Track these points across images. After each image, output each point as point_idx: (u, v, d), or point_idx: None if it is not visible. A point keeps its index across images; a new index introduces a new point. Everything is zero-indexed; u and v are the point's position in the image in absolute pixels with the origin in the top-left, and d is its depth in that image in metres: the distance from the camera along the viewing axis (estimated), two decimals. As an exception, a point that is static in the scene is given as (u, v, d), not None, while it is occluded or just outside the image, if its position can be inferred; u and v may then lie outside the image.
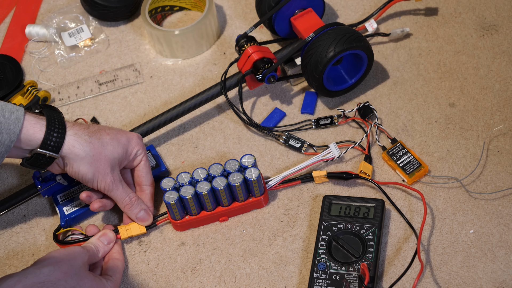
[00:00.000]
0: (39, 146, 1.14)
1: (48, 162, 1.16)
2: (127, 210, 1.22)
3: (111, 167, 1.19)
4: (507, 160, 1.24)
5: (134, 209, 1.22)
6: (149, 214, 1.23)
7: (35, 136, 1.13)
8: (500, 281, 1.14)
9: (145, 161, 1.24)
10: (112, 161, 1.19)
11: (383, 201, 1.20)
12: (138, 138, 1.23)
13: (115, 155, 1.19)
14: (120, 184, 1.20)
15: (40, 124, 1.14)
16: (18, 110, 1.13)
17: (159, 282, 1.20)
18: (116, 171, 1.20)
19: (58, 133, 1.14)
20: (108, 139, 1.19)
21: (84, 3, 1.48)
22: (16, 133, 1.11)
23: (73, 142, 1.16)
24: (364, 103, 1.30)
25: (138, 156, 1.23)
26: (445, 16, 1.42)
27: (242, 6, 1.50)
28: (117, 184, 1.20)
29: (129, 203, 1.22)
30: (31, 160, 1.15)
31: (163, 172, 1.29)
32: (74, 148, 1.16)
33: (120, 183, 1.20)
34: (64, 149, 1.15)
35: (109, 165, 1.18)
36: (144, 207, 1.23)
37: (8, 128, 1.11)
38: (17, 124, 1.12)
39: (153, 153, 1.30)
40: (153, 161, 1.29)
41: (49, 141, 1.14)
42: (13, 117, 1.12)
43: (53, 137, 1.14)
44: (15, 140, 1.12)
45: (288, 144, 1.30)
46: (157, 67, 1.44)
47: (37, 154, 1.14)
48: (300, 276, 1.18)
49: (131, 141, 1.22)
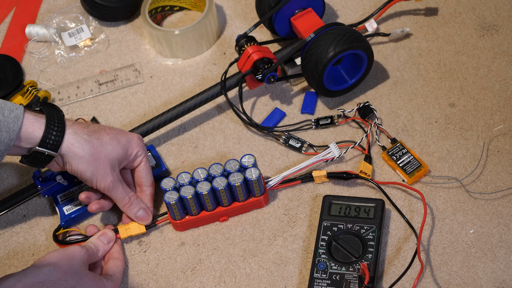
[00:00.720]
0: (38, 144, 1.14)
1: (47, 160, 1.16)
2: (126, 209, 1.22)
3: (111, 166, 1.19)
4: (507, 160, 1.24)
5: (133, 208, 1.22)
6: (148, 213, 1.23)
7: (34, 134, 1.13)
8: (500, 281, 1.14)
9: (146, 162, 1.24)
10: (111, 161, 1.19)
11: (383, 201, 1.20)
12: (139, 139, 1.23)
13: (115, 155, 1.19)
14: (120, 184, 1.20)
15: (40, 123, 1.14)
16: (18, 108, 1.13)
17: (159, 282, 1.20)
18: (116, 171, 1.20)
19: (57, 131, 1.14)
20: (107, 139, 1.19)
21: (84, 3, 1.48)
22: (16, 131, 1.11)
23: (72, 140, 1.16)
24: (364, 103, 1.30)
25: (139, 157, 1.23)
26: (445, 16, 1.42)
27: (242, 6, 1.50)
28: (117, 184, 1.20)
29: (128, 203, 1.22)
30: (30, 158, 1.15)
31: (163, 172, 1.29)
32: (73, 147, 1.16)
33: (120, 183, 1.20)
34: (63, 147, 1.15)
35: (109, 164, 1.18)
36: (143, 206, 1.23)
37: (7, 126, 1.11)
38: (16, 122, 1.12)
39: (153, 153, 1.30)
40: (153, 161, 1.29)
41: (48, 140, 1.14)
42: (13, 115, 1.12)
43: (52, 136, 1.14)
44: (15, 139, 1.12)
45: (288, 144, 1.30)
46: (157, 67, 1.44)
47: (36, 152, 1.14)
48: (300, 276, 1.18)
49: (131, 142, 1.22)
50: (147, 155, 1.24)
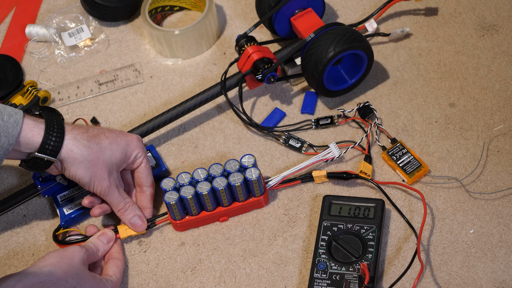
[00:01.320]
0: (37, 150, 1.13)
1: (46, 166, 1.15)
2: (121, 214, 1.22)
3: (109, 171, 1.19)
4: (507, 160, 1.24)
5: (127, 214, 1.22)
6: (143, 221, 1.23)
7: (33, 140, 1.13)
8: (500, 281, 1.14)
9: (146, 163, 1.24)
10: (109, 166, 1.19)
11: (383, 201, 1.20)
12: (138, 140, 1.23)
13: (113, 160, 1.19)
14: (116, 189, 1.20)
15: (39, 128, 1.14)
16: (17, 113, 1.13)
17: (159, 282, 1.20)
18: (113, 176, 1.20)
19: (56, 137, 1.14)
20: (107, 143, 1.19)
21: (84, 3, 1.48)
22: (15, 136, 1.11)
23: (71, 146, 1.15)
24: (364, 103, 1.30)
25: (138, 158, 1.23)
26: (445, 16, 1.42)
27: (242, 6, 1.50)
28: (113, 189, 1.20)
29: (123, 208, 1.21)
30: (29, 163, 1.15)
31: (163, 172, 1.29)
32: (72, 153, 1.15)
33: (116, 188, 1.20)
34: (62, 153, 1.15)
35: (106, 169, 1.18)
36: (138, 214, 1.22)
37: (6, 131, 1.11)
38: (15, 127, 1.11)
39: (153, 153, 1.30)
40: (153, 161, 1.29)
41: (47, 145, 1.14)
42: (12, 120, 1.11)
43: (51, 141, 1.14)
44: (14, 143, 1.12)
45: (288, 144, 1.30)
46: (157, 67, 1.44)
47: (35, 157, 1.14)
48: (300, 276, 1.18)
49: (130, 144, 1.22)
50: (147, 156, 1.24)
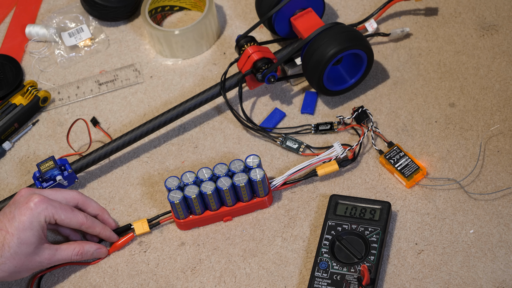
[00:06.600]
0: None
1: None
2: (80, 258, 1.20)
3: (36, 254, 1.15)
4: (507, 160, 1.24)
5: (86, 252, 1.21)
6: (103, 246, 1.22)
7: None
8: (500, 281, 1.14)
9: (60, 215, 1.16)
10: (32, 252, 1.15)
11: (389, 203, 1.19)
12: (40, 202, 1.15)
13: (30, 248, 1.14)
14: (59, 248, 1.18)
15: None
16: None
17: (159, 282, 1.20)
18: (44, 249, 1.16)
19: None
20: (15, 243, 1.13)
21: (84, 3, 1.48)
22: None
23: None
24: (359, 107, 1.30)
25: (51, 218, 1.16)
26: (445, 16, 1.42)
27: (242, 6, 1.50)
28: (56, 252, 1.17)
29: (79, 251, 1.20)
30: None
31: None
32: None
33: (57, 249, 1.17)
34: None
35: (33, 258, 1.15)
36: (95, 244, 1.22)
37: None
38: None
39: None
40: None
41: None
42: None
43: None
44: None
45: (285, 145, 1.30)
46: (157, 67, 1.44)
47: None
48: (300, 276, 1.18)
49: (35, 216, 1.14)
50: (57, 206, 1.16)
